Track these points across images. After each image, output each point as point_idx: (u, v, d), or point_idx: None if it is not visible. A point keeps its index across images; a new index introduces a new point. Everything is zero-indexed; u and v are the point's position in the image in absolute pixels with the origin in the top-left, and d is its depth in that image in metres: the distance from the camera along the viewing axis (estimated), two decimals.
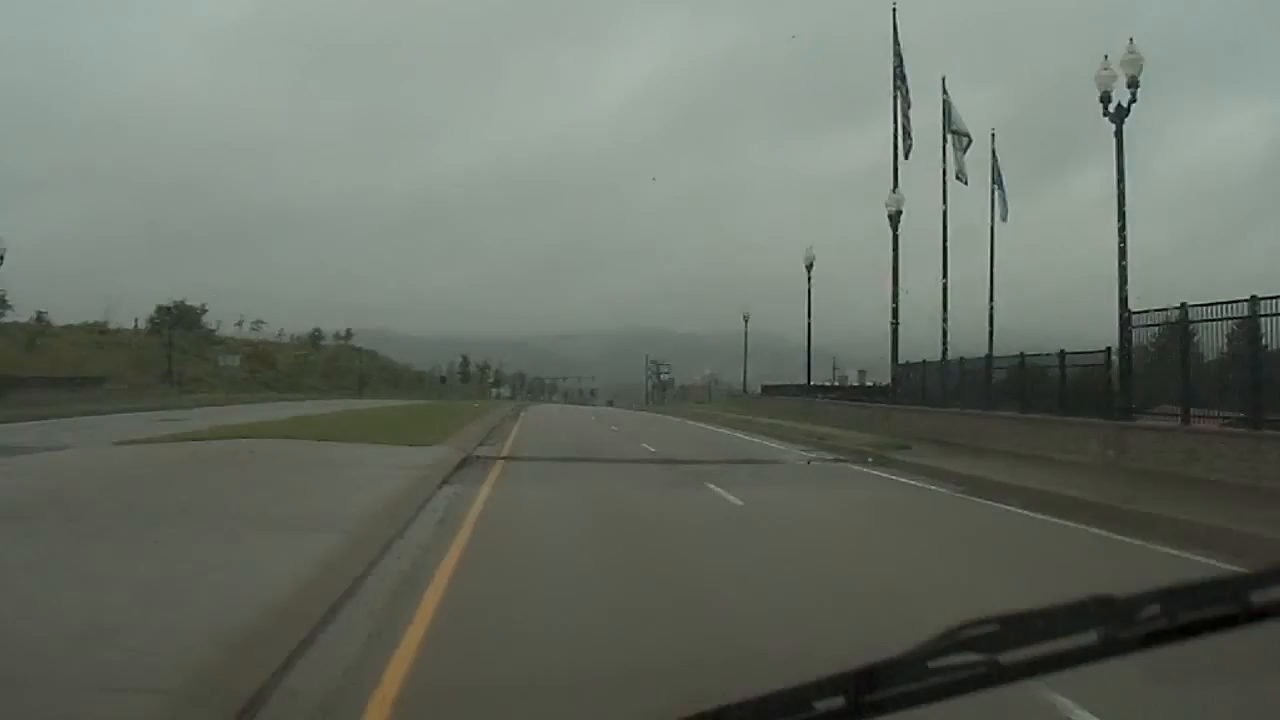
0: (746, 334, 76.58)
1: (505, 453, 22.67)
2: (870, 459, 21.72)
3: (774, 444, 28.10)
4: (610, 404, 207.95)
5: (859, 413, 35.70)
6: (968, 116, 34.92)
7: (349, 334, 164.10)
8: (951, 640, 1.25)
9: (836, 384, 65.51)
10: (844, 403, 43.74)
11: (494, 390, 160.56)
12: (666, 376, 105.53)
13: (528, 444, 26.24)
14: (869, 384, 68.56)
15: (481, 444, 25.03)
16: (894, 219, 31.10)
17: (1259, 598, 1.30)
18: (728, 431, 35.23)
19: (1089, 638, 1.28)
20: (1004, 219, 38.78)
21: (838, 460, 22.42)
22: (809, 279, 48.33)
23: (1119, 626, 1.28)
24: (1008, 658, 1.25)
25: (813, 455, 23.64)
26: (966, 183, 38.12)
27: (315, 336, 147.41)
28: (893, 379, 32.10)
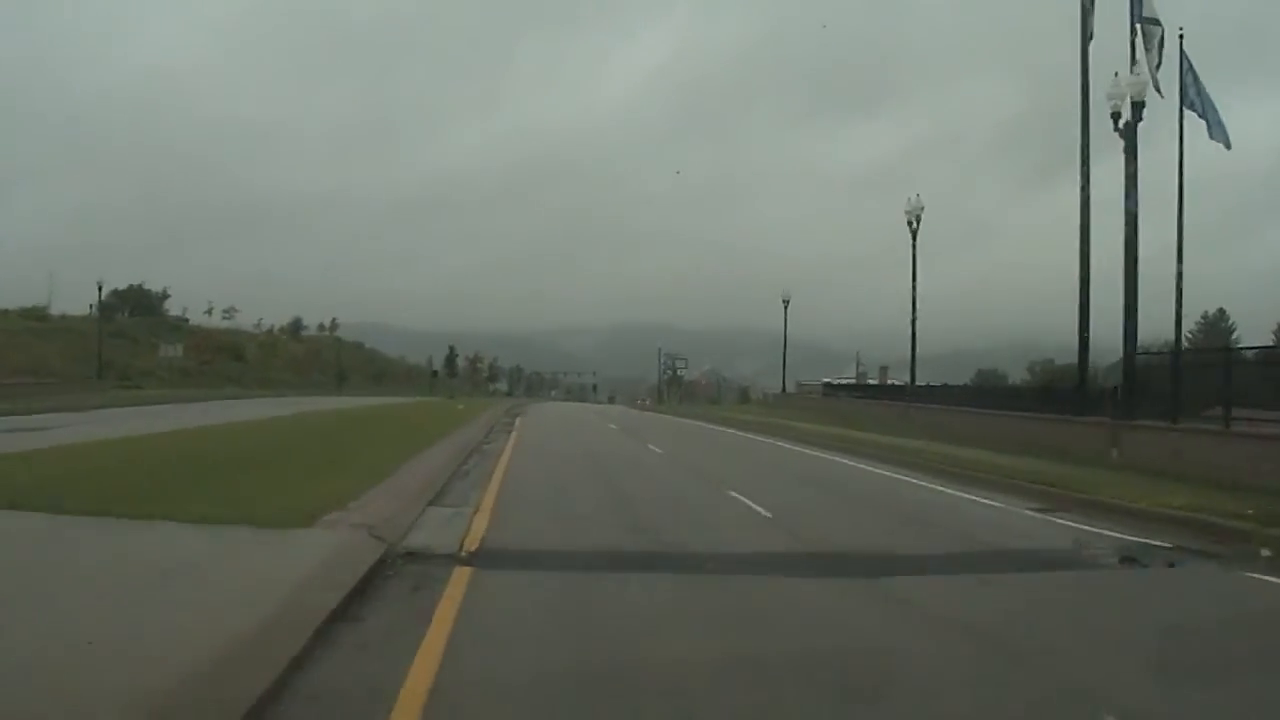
0: (786, 323, 64.87)
1: (478, 536, 10.51)
2: (1267, 553, 9.97)
3: (961, 493, 16.08)
4: (611, 400, 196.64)
5: (1017, 427, 23.92)
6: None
7: (334, 325, 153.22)
8: None
9: (910, 383, 53.70)
10: (954, 409, 31.70)
11: (490, 386, 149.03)
12: (683, 371, 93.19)
13: (527, 496, 14.29)
14: (905, 383, 57.22)
15: (438, 499, 13.19)
16: (1123, 120, 19.16)
17: None
18: (830, 458, 23.17)
19: None
20: (1227, 145, 26.84)
21: (1181, 552, 10.53)
22: (913, 238, 36.57)
23: None
24: None
25: (1097, 531, 11.77)
26: (1163, 94, 26.44)
27: (295, 327, 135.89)
28: (1125, 374, 20.10)
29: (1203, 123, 26.17)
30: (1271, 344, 25.80)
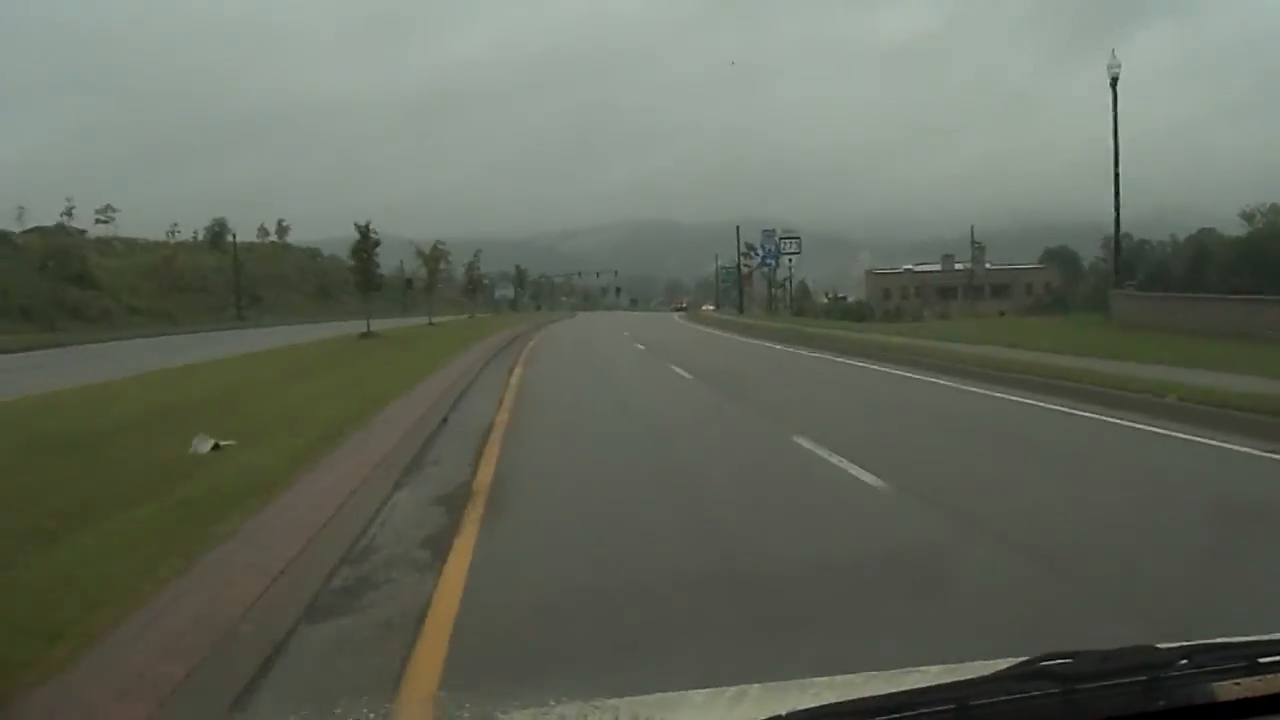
0: (1117, 166, 31.07)
1: None
2: None
3: None
4: (634, 303, 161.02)
5: None
6: None
7: (283, 229, 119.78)
8: (1032, 668, 1.35)
9: None
10: None
11: (495, 294, 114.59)
12: (790, 252, 57.68)
13: None
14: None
15: None
16: None
17: None
18: None
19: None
20: None
21: None
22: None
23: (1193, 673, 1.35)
24: (1082, 689, 1.32)
25: None
26: None
27: (216, 234, 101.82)
28: None
29: None
30: None
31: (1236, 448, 8.65)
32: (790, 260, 56.44)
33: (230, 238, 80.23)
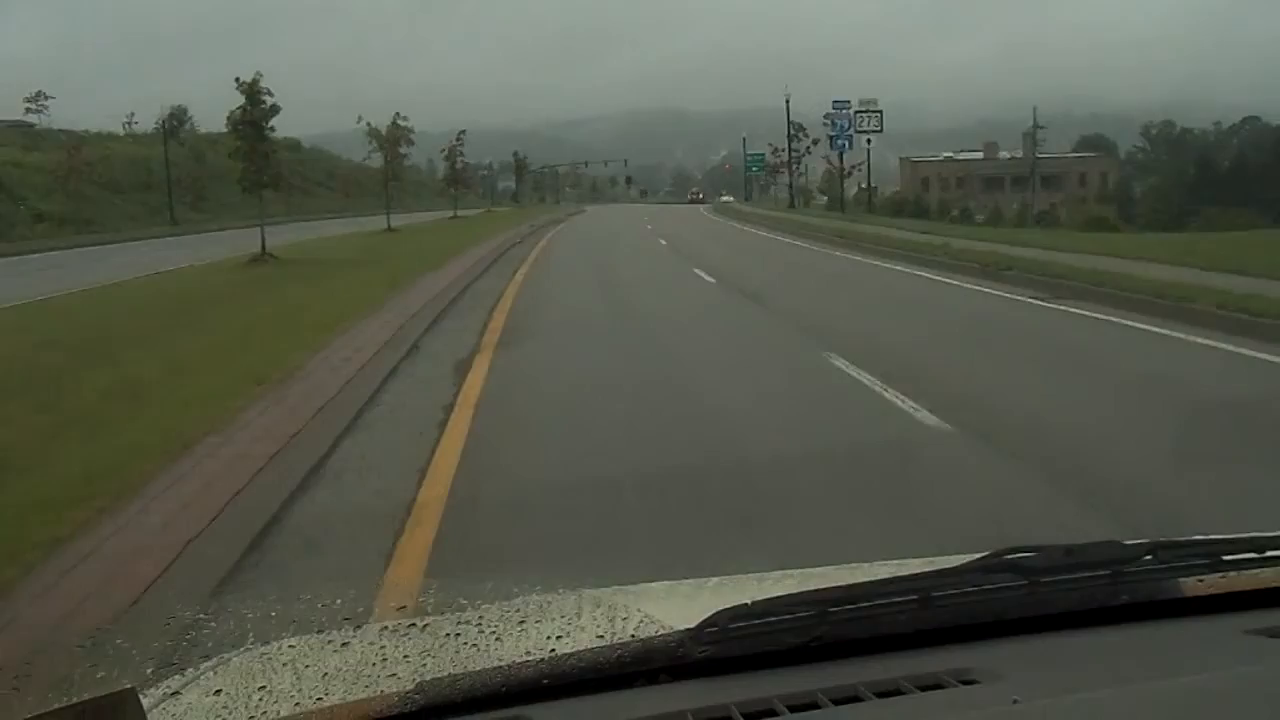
0: None
1: None
2: None
3: None
4: (643, 194, 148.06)
5: None
6: None
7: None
8: (996, 560, 1.32)
9: None
10: None
11: (498, 186, 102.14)
12: (869, 129, 44.91)
13: None
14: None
15: None
16: None
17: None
18: None
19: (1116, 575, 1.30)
20: None
21: None
22: None
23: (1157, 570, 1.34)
24: (1046, 582, 1.29)
25: None
26: None
27: (174, 124, 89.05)
28: None
29: None
30: None
31: None
32: (869, 141, 43.74)
33: (162, 127, 67.79)
